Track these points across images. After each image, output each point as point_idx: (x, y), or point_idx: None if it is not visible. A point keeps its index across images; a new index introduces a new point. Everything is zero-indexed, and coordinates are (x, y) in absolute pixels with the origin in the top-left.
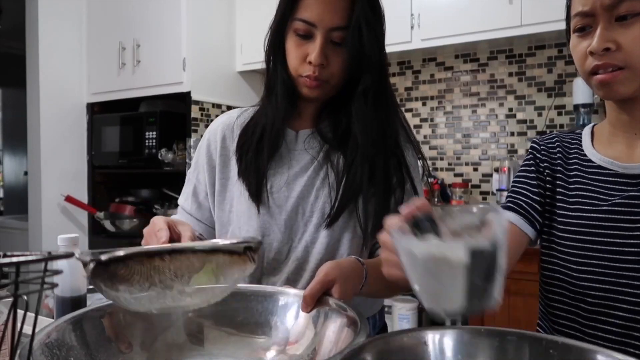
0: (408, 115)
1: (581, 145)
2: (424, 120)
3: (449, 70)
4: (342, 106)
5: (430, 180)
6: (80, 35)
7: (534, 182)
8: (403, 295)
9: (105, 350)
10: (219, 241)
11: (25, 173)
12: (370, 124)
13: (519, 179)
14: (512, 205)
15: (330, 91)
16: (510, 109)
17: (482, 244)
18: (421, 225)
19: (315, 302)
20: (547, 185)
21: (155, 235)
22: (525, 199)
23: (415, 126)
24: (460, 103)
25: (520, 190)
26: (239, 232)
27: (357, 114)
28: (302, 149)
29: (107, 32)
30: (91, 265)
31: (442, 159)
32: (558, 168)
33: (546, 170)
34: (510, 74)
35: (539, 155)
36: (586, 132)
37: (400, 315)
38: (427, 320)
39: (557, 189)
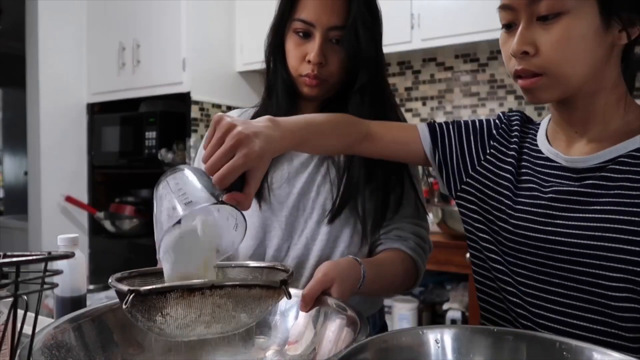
0: (408, 115)
1: (535, 136)
2: (424, 120)
3: (449, 70)
4: (342, 104)
5: (430, 180)
6: (80, 35)
7: (474, 138)
8: (403, 295)
9: (104, 350)
10: (251, 264)
11: (25, 173)
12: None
13: (464, 121)
14: (434, 122)
15: (330, 90)
16: (510, 109)
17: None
18: None
19: (314, 301)
20: (488, 157)
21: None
22: (449, 132)
23: None
24: (460, 103)
25: (453, 125)
26: None
27: (352, 111)
28: None
29: (107, 32)
30: (130, 297)
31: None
32: (512, 153)
33: (497, 142)
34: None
35: (497, 123)
36: (544, 122)
37: (400, 315)
38: (427, 320)
39: (505, 172)
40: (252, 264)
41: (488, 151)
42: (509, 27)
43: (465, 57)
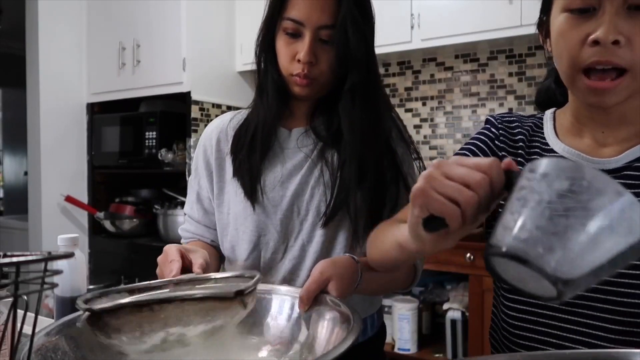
0: (408, 115)
1: (543, 133)
2: (424, 120)
3: (449, 70)
4: (335, 104)
5: None
6: (80, 35)
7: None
8: (403, 295)
9: (102, 351)
10: (216, 275)
11: (25, 173)
12: (357, 121)
13: (467, 149)
14: None
15: (321, 89)
16: (511, 109)
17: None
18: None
19: (312, 300)
20: None
21: (168, 265)
22: None
23: (415, 126)
24: (460, 103)
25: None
26: (236, 233)
27: (343, 111)
28: (296, 147)
29: (107, 32)
30: (85, 315)
31: (442, 159)
32: (519, 152)
33: (502, 152)
34: (510, 74)
35: (494, 131)
36: (548, 118)
37: (400, 315)
38: (427, 320)
39: None
40: (219, 275)
41: None
42: (583, 11)
43: (465, 57)
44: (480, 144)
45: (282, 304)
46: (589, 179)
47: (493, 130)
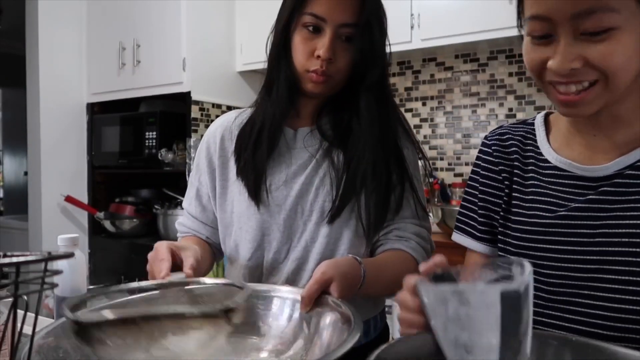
0: (408, 115)
1: (536, 142)
2: (424, 120)
3: (449, 70)
4: (345, 103)
5: (431, 180)
6: (80, 35)
7: (487, 194)
8: None
9: (103, 351)
10: (206, 280)
11: (25, 173)
12: (376, 119)
13: (470, 192)
14: (467, 229)
15: (335, 87)
16: (510, 109)
17: (513, 286)
18: (443, 280)
19: (314, 301)
20: (505, 191)
21: (158, 264)
22: (478, 218)
23: (415, 126)
24: (460, 103)
25: (471, 207)
26: (240, 232)
27: (365, 109)
28: (302, 147)
29: (107, 32)
30: (71, 326)
31: (442, 159)
32: (515, 170)
33: (502, 174)
34: (510, 74)
35: (488, 151)
36: (539, 124)
37: None
38: None
39: (514, 192)
40: (209, 280)
41: (502, 186)
42: (540, 38)
43: (465, 57)
44: (481, 171)
45: (283, 304)
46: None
47: (486, 150)
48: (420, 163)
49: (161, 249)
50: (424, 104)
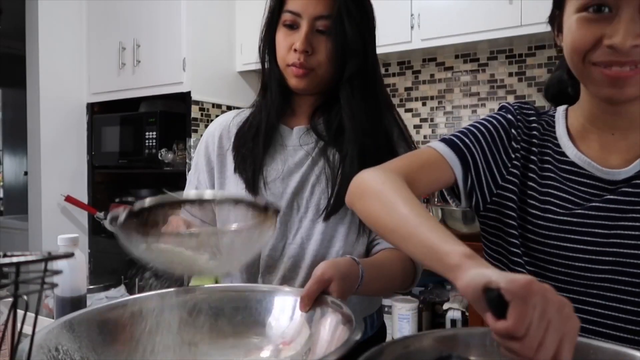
0: (408, 115)
1: (555, 133)
2: (424, 120)
3: (449, 70)
4: (336, 103)
5: None
6: (80, 35)
7: (496, 146)
8: (403, 295)
9: (102, 351)
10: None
11: (25, 173)
12: (358, 112)
13: (477, 128)
14: (453, 140)
15: (320, 82)
16: None
17: None
18: None
19: (313, 301)
20: (514, 162)
21: (174, 223)
22: (472, 148)
23: (415, 126)
24: (460, 103)
25: (472, 137)
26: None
27: (343, 100)
28: (297, 145)
29: (107, 32)
30: (123, 216)
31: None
32: (532, 157)
33: (521, 143)
34: (510, 74)
35: (511, 118)
36: (560, 116)
37: (400, 315)
38: (427, 320)
39: (529, 180)
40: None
41: (513, 155)
42: (598, 10)
43: (465, 57)
44: (498, 125)
45: (283, 304)
46: None
47: (510, 117)
48: None
49: (174, 219)
50: (424, 104)
